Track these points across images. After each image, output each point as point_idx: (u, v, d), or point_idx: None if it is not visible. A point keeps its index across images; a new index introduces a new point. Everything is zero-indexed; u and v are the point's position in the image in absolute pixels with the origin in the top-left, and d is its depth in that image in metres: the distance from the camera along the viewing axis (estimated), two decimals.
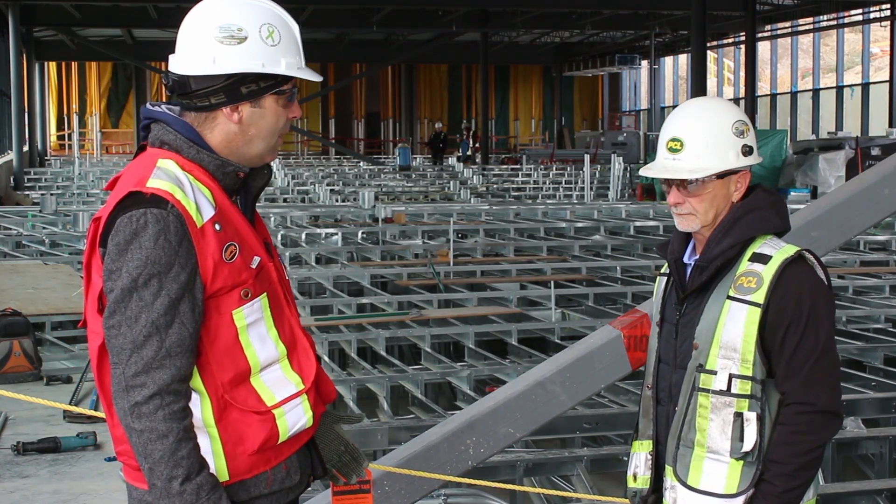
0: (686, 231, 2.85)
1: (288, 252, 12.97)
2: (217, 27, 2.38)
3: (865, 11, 31.68)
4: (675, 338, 2.84)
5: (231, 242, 2.37)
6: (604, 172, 26.75)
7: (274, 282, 2.49)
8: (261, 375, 2.44)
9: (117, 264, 2.28)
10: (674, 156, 2.79)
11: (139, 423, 2.26)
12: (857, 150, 22.97)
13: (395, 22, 33.27)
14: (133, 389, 2.27)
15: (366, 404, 7.33)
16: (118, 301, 2.28)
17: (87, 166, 30.11)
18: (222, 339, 2.38)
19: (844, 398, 6.48)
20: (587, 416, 6.15)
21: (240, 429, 2.40)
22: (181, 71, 2.41)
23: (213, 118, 2.43)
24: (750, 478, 2.70)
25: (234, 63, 2.38)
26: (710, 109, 2.83)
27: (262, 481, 2.45)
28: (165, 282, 2.27)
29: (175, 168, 2.36)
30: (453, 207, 18.27)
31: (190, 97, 2.42)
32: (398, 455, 3.75)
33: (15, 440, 6.50)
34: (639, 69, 43.47)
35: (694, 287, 2.80)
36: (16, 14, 28.10)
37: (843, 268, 12.04)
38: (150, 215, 2.27)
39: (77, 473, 5.96)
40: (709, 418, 2.73)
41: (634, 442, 2.98)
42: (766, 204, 2.80)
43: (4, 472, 6.05)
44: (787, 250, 2.73)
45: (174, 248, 2.28)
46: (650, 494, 2.93)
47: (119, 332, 2.28)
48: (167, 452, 2.26)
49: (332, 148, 42.78)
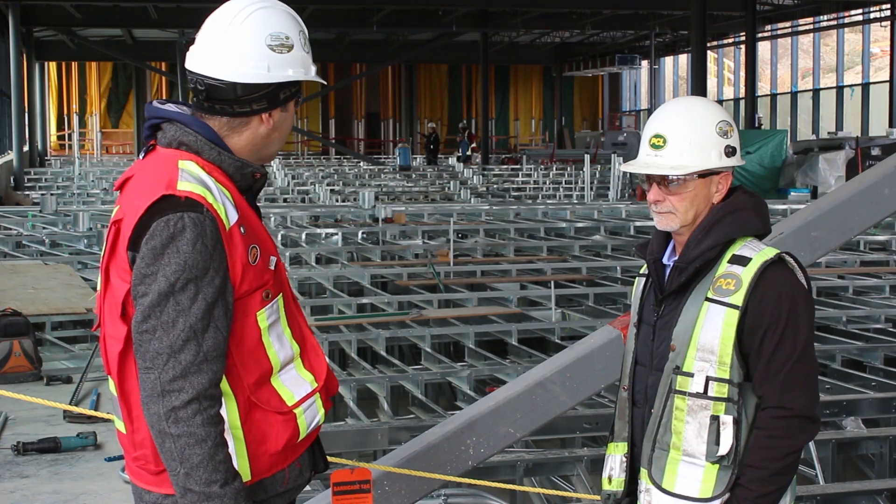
0: (665, 230, 2.82)
1: (288, 252, 12.97)
2: (269, 35, 2.41)
3: (865, 11, 31.67)
4: (652, 339, 2.81)
5: (254, 245, 2.39)
6: (604, 172, 26.73)
7: (285, 281, 2.52)
8: (279, 375, 2.46)
9: (152, 268, 2.27)
10: (656, 152, 2.76)
11: (176, 428, 2.26)
12: (857, 151, 22.97)
13: (395, 22, 33.26)
14: (170, 394, 2.26)
15: (366, 404, 7.32)
16: (153, 305, 2.27)
17: (88, 166, 30.11)
18: (248, 340, 2.40)
19: (844, 398, 6.50)
20: (587, 416, 6.15)
21: (263, 429, 2.42)
22: (230, 77, 2.39)
23: (245, 122, 2.44)
24: (725, 482, 2.66)
25: (286, 71, 2.42)
26: (694, 108, 2.80)
27: (280, 480, 2.48)
28: (202, 286, 2.27)
29: (198, 170, 2.36)
30: (453, 207, 18.27)
31: (231, 103, 2.41)
32: (398, 455, 3.75)
33: (15, 440, 6.50)
34: (639, 69, 43.46)
35: (672, 288, 2.76)
36: (16, 14, 28.09)
37: (843, 268, 12.03)
38: (188, 219, 2.27)
39: (77, 473, 5.96)
40: (685, 421, 2.70)
41: (610, 444, 2.95)
42: (747, 206, 2.76)
43: (4, 472, 6.05)
44: (767, 252, 2.70)
45: (210, 252, 2.28)
46: (624, 497, 2.90)
47: (154, 336, 2.27)
48: (206, 457, 2.26)
49: (332, 148, 42.76)
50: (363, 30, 34.43)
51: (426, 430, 3.91)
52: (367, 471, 3.42)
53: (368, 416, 6.65)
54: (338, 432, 5.73)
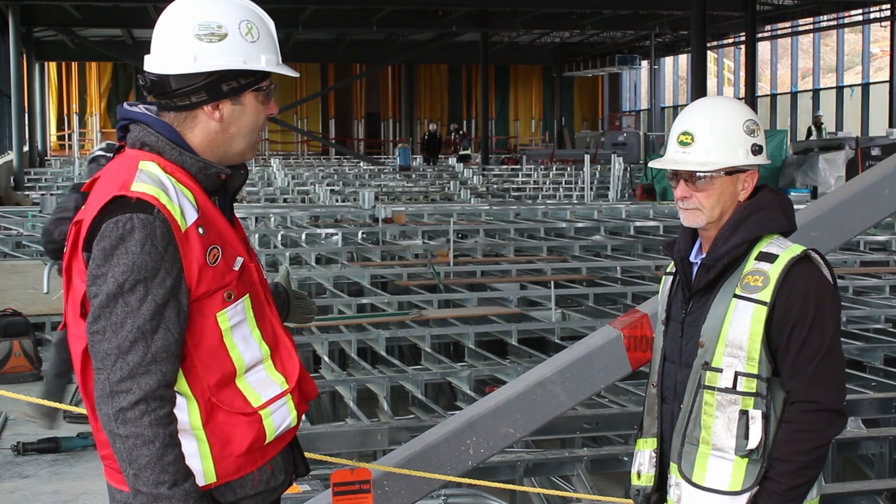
0: (691, 226, 2.86)
1: (288, 252, 12.97)
2: (196, 24, 2.36)
3: (865, 11, 31.68)
4: (680, 336, 2.85)
5: (214, 245, 2.36)
6: (604, 172, 26.74)
7: (255, 283, 2.49)
8: (246, 377, 2.44)
9: (102, 269, 2.26)
10: (684, 149, 2.82)
11: (124, 429, 2.25)
12: (857, 151, 22.97)
13: (395, 22, 33.26)
14: (118, 395, 2.25)
15: (366, 404, 7.32)
16: (103, 306, 2.26)
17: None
18: (207, 341, 2.37)
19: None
20: (587, 416, 6.15)
21: (227, 430, 2.40)
22: (160, 70, 2.38)
23: (193, 117, 2.41)
24: (755, 475, 2.70)
25: (215, 60, 2.36)
26: (722, 107, 2.86)
27: (249, 482, 2.45)
28: (151, 287, 2.26)
29: (158, 171, 2.34)
30: (453, 207, 18.26)
31: (170, 97, 2.39)
32: (398, 455, 3.75)
33: (15, 440, 6.50)
34: (639, 69, 43.46)
35: (700, 285, 2.81)
36: (16, 14, 28.11)
37: (843, 268, 12.03)
38: (137, 220, 2.25)
39: (77, 473, 5.96)
40: (714, 416, 2.74)
41: (639, 440, 2.98)
42: (773, 204, 2.82)
43: (4, 472, 6.05)
44: (794, 249, 2.74)
45: (160, 253, 2.26)
46: (654, 492, 2.93)
47: (104, 337, 2.26)
48: (153, 458, 2.25)
49: (332, 148, 42.77)
50: (363, 30, 34.43)
51: (426, 430, 3.90)
52: (367, 471, 3.43)
53: (368, 416, 6.65)
54: (338, 432, 5.73)
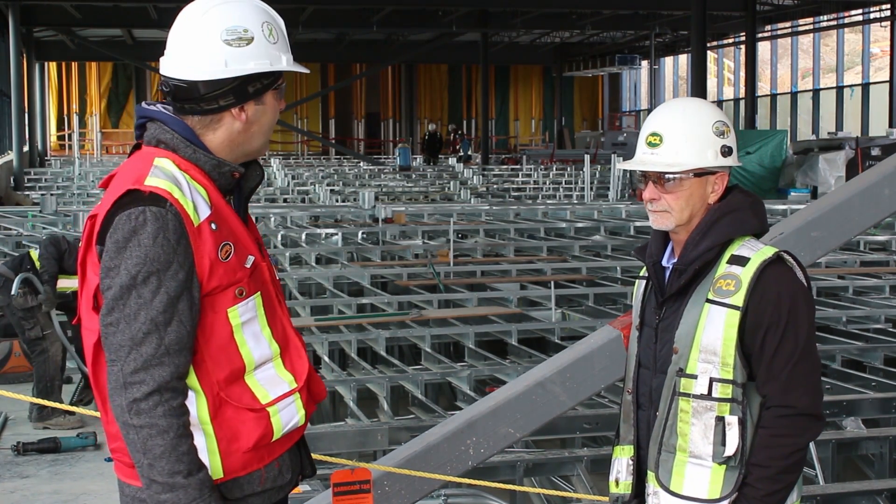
0: (660, 229, 2.82)
1: (288, 252, 12.97)
2: (224, 29, 2.40)
3: (865, 11, 31.68)
4: (654, 342, 2.81)
5: (226, 242, 2.40)
6: (604, 172, 26.73)
7: (267, 281, 2.52)
8: (255, 374, 2.46)
9: (115, 262, 2.30)
10: (652, 150, 2.77)
11: (138, 420, 2.27)
12: (857, 151, 22.98)
13: (395, 22, 33.27)
14: (132, 386, 2.28)
15: (366, 404, 7.32)
16: (117, 298, 2.29)
17: (88, 166, 30.10)
18: (217, 337, 2.40)
19: (844, 398, 6.49)
20: (587, 416, 6.14)
21: (235, 426, 2.42)
22: (189, 76, 2.41)
23: (218, 119, 2.45)
24: (733, 482, 2.67)
25: (245, 64, 2.41)
26: (691, 108, 2.81)
27: (256, 479, 2.47)
28: (164, 280, 2.29)
29: (172, 167, 2.38)
30: (453, 207, 18.26)
31: (197, 101, 2.42)
32: (398, 455, 3.75)
33: (15, 440, 6.51)
34: (639, 69, 43.47)
35: (673, 291, 2.77)
36: (16, 14, 28.10)
37: (843, 268, 12.03)
38: (149, 213, 2.29)
39: (77, 473, 5.97)
40: (690, 423, 2.71)
41: (616, 447, 2.95)
42: (744, 205, 2.77)
43: (4, 472, 6.06)
44: (766, 252, 2.70)
45: (173, 246, 2.30)
46: (632, 500, 2.90)
47: (117, 329, 2.29)
48: (168, 448, 2.27)
49: (332, 148, 42.77)
50: (363, 30, 34.44)
51: (426, 431, 3.90)
52: (367, 471, 3.43)
53: (368, 417, 6.65)
54: (338, 432, 5.73)
